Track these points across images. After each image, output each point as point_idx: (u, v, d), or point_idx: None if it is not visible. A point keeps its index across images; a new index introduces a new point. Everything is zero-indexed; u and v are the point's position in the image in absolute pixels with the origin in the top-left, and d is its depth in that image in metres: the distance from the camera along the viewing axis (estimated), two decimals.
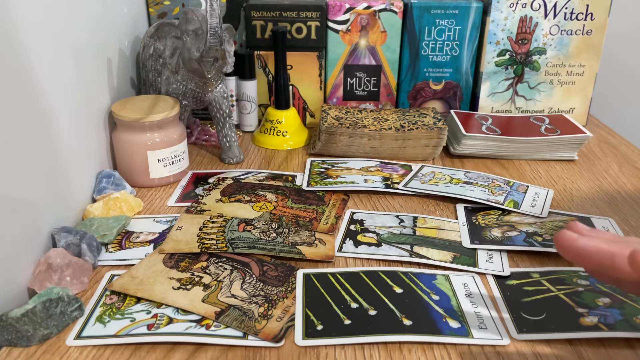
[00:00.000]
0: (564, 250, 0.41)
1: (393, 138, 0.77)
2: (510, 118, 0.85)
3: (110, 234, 0.58)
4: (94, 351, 0.44)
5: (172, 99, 0.72)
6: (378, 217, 0.63)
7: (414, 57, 0.86)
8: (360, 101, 0.90)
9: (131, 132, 0.67)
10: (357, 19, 0.84)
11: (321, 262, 0.55)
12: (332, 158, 0.79)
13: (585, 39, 0.85)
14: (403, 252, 0.56)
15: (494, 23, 0.84)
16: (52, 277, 0.50)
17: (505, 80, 0.87)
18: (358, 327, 0.46)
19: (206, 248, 0.56)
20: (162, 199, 0.68)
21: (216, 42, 0.65)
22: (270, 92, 0.89)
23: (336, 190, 0.69)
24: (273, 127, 0.83)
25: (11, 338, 0.44)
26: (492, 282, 0.52)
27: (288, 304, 0.49)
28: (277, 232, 0.59)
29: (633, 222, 0.63)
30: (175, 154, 0.70)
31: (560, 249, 0.41)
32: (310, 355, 0.44)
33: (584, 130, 0.78)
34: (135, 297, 0.49)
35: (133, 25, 0.82)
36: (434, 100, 0.90)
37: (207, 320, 0.47)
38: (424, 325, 0.46)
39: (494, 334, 0.46)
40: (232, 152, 0.77)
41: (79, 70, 0.62)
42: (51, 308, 0.45)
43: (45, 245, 0.54)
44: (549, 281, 0.52)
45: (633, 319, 0.46)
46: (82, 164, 0.63)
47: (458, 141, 0.79)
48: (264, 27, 0.85)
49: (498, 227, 0.61)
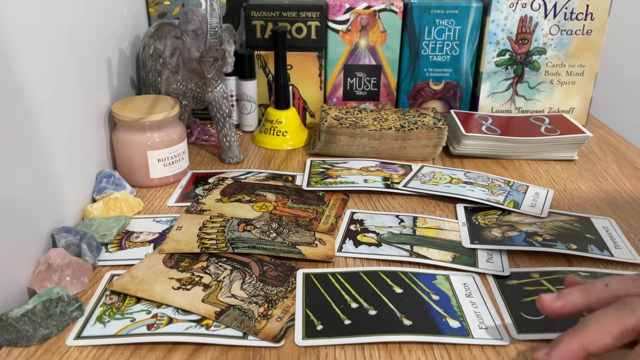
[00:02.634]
0: (545, 312, 0.42)
1: (393, 138, 0.77)
2: (510, 118, 0.85)
3: (110, 234, 0.58)
4: (94, 351, 0.44)
5: (172, 99, 0.72)
6: (378, 217, 0.63)
7: (414, 57, 0.86)
8: (360, 101, 0.90)
9: (131, 132, 0.67)
10: (357, 19, 0.84)
11: (321, 262, 0.55)
12: (332, 158, 0.79)
13: (585, 39, 0.85)
14: (403, 252, 0.56)
15: (494, 23, 0.84)
16: (52, 277, 0.50)
17: (505, 80, 0.87)
18: (358, 327, 0.46)
19: (206, 248, 0.56)
20: (162, 199, 0.68)
21: (216, 42, 0.65)
22: (270, 92, 0.89)
23: (336, 190, 0.69)
24: (273, 127, 0.83)
25: (11, 338, 0.44)
26: (492, 282, 0.52)
27: (288, 304, 0.49)
28: (277, 232, 0.59)
29: (633, 222, 0.63)
30: (175, 154, 0.70)
31: (542, 311, 0.42)
32: (310, 355, 0.44)
33: (584, 130, 0.78)
34: (135, 297, 0.49)
35: (133, 25, 0.82)
36: (434, 100, 0.90)
37: (207, 320, 0.47)
38: (424, 325, 0.46)
39: (494, 334, 0.46)
40: (232, 152, 0.77)
41: (79, 70, 0.62)
42: (51, 308, 0.45)
43: (45, 245, 0.54)
44: (549, 281, 0.52)
45: None
46: (82, 164, 0.63)
47: (458, 141, 0.79)
48: (264, 27, 0.85)
49: (498, 227, 0.61)
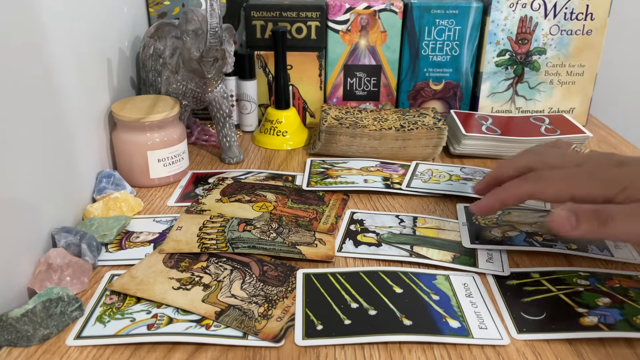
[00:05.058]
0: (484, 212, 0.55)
1: (393, 138, 0.77)
2: (510, 118, 0.85)
3: (110, 234, 0.58)
4: (94, 351, 0.44)
5: (172, 99, 0.72)
6: (378, 217, 0.63)
7: (414, 57, 0.86)
8: (360, 101, 0.90)
9: (131, 132, 0.67)
10: (357, 19, 0.84)
11: (321, 262, 0.55)
12: (332, 158, 0.79)
13: (585, 39, 0.85)
14: (403, 252, 0.56)
15: (494, 23, 0.84)
16: (52, 277, 0.50)
17: (505, 80, 0.87)
18: (358, 327, 0.46)
19: (206, 248, 0.56)
20: (162, 199, 0.68)
21: (216, 42, 0.65)
22: (270, 92, 0.89)
23: (336, 190, 0.69)
24: (273, 127, 0.83)
25: (11, 338, 0.44)
26: (492, 282, 0.52)
27: (288, 304, 0.49)
28: (277, 232, 0.59)
29: None
30: (175, 154, 0.70)
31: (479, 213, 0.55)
32: (310, 355, 0.44)
33: (584, 130, 0.78)
34: (135, 297, 0.49)
35: (133, 25, 0.82)
36: (434, 100, 0.90)
37: (207, 320, 0.47)
38: (424, 325, 0.46)
39: (494, 334, 0.46)
40: (232, 152, 0.77)
41: (79, 70, 0.62)
42: (51, 308, 0.45)
43: (45, 245, 0.54)
44: (549, 281, 0.52)
45: (633, 319, 0.46)
46: (82, 164, 0.63)
47: (458, 141, 0.79)
48: (264, 27, 0.85)
49: (498, 227, 0.61)
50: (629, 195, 0.44)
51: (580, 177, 0.47)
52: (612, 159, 0.48)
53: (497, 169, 0.56)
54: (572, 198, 0.46)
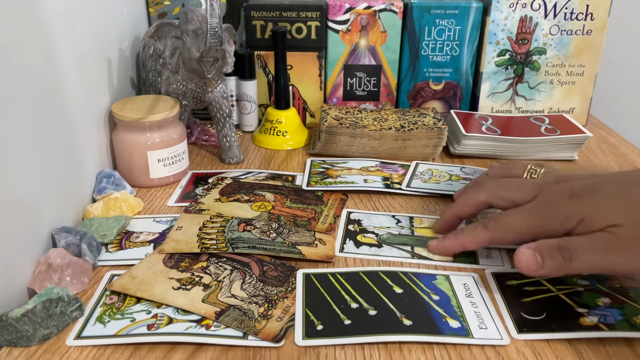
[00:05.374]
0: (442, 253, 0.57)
1: (393, 138, 0.77)
2: (510, 118, 0.85)
3: (110, 234, 0.58)
4: (94, 351, 0.44)
5: (172, 99, 0.72)
6: (375, 218, 0.63)
7: (414, 57, 0.86)
8: (360, 101, 0.90)
9: (131, 132, 0.67)
10: (357, 19, 0.84)
11: (321, 262, 0.55)
12: (332, 158, 0.79)
13: (585, 39, 0.85)
14: (405, 253, 0.56)
15: (494, 23, 0.84)
16: (52, 277, 0.50)
17: (505, 80, 0.87)
18: (358, 327, 0.46)
19: (206, 248, 0.56)
20: (162, 199, 0.68)
21: (216, 42, 0.65)
22: (270, 92, 0.89)
23: (336, 190, 0.69)
24: (273, 127, 0.83)
25: (11, 338, 0.44)
26: (492, 282, 0.52)
27: (288, 304, 0.49)
28: (277, 232, 0.59)
29: None
30: (175, 154, 0.70)
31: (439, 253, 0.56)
32: (310, 355, 0.44)
33: (584, 130, 0.78)
34: (135, 297, 0.49)
35: (133, 25, 0.82)
36: (434, 100, 0.90)
37: (207, 320, 0.47)
38: (424, 325, 0.46)
39: (494, 334, 0.46)
40: (232, 152, 0.77)
41: (79, 70, 0.62)
42: (51, 308, 0.45)
43: (45, 245, 0.54)
44: (549, 281, 0.52)
45: (633, 319, 0.46)
46: (82, 164, 0.63)
47: (458, 141, 0.79)
48: (264, 27, 0.85)
49: None
50: (586, 226, 0.46)
51: (538, 217, 0.49)
52: (565, 188, 0.49)
53: (455, 207, 0.57)
54: (533, 237, 0.48)
